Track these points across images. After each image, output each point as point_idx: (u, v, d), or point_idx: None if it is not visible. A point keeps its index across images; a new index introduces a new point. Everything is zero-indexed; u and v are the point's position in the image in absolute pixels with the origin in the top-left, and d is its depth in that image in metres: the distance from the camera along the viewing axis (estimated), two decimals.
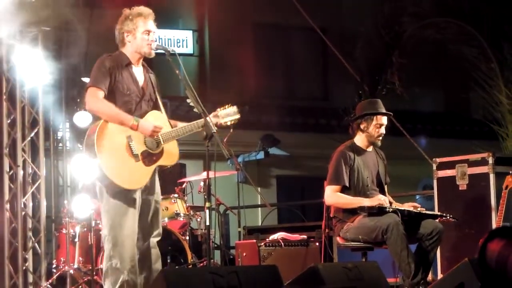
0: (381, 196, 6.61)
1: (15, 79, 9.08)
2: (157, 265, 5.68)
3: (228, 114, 5.84)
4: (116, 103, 5.57)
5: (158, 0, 12.36)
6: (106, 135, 5.46)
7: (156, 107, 5.77)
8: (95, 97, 5.52)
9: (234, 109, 5.88)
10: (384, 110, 6.80)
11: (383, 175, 6.89)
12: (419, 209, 6.58)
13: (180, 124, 5.75)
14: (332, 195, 6.68)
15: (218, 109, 5.85)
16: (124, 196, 5.51)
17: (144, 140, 5.55)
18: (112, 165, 5.43)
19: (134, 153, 5.49)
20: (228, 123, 5.86)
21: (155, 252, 5.70)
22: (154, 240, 5.69)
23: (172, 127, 5.72)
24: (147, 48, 5.65)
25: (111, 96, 5.57)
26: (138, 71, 5.74)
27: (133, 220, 5.52)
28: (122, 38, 5.68)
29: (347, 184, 6.67)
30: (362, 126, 6.78)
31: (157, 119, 5.65)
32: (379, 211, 6.44)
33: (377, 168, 6.85)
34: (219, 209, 8.72)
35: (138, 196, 5.55)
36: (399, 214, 6.36)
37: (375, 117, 6.74)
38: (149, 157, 5.54)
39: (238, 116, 5.88)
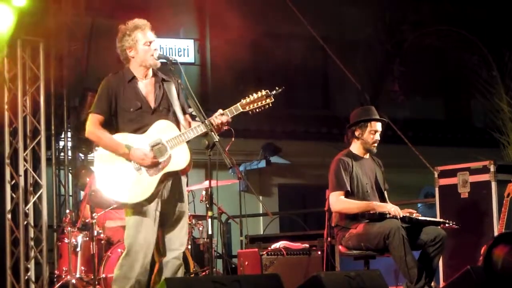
0: (391, 206, 6.61)
1: (17, 88, 9.10)
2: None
3: (254, 101, 5.62)
4: (120, 122, 5.60)
5: (159, 9, 12.39)
6: (107, 157, 5.56)
7: (169, 115, 5.68)
8: (93, 125, 5.61)
9: (262, 93, 5.64)
10: (377, 116, 6.84)
11: (382, 181, 6.91)
12: (414, 215, 6.59)
13: (194, 125, 5.67)
14: (338, 201, 6.67)
15: (242, 99, 5.62)
16: (137, 208, 5.52)
17: (149, 150, 5.53)
18: (110, 184, 5.52)
19: (135, 167, 5.51)
20: (257, 110, 5.63)
21: (176, 263, 5.63)
22: (175, 252, 5.63)
23: None
24: (151, 59, 5.62)
25: (115, 116, 5.61)
26: (146, 84, 5.68)
27: (146, 232, 5.51)
28: (125, 55, 5.66)
29: (350, 189, 6.68)
30: (357, 134, 6.82)
31: (161, 128, 5.59)
32: (380, 217, 6.45)
33: (375, 175, 6.88)
34: (221, 218, 8.71)
35: (153, 208, 5.53)
36: (400, 220, 6.39)
37: (369, 124, 6.79)
38: (154, 167, 5.51)
39: (269, 101, 5.61)
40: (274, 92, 5.66)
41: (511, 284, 4.80)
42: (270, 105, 5.66)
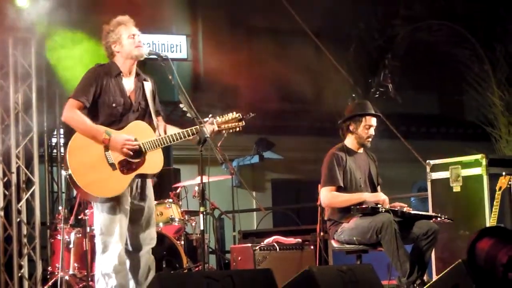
0: (381, 194, 6.63)
1: (9, 85, 9.09)
2: (151, 273, 5.67)
3: (227, 122, 5.70)
4: (100, 114, 5.54)
5: (152, 5, 12.37)
6: (81, 146, 5.45)
7: (146, 115, 5.69)
8: (71, 109, 5.49)
9: (234, 115, 5.74)
10: (372, 111, 6.85)
11: (375, 176, 6.93)
12: (405, 209, 6.61)
13: (170, 131, 5.67)
14: (329, 196, 6.68)
15: (217, 117, 5.70)
16: (110, 203, 5.48)
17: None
18: (83, 175, 5.40)
19: (109, 162, 5.45)
20: (229, 131, 5.71)
21: (149, 259, 5.67)
22: (147, 247, 5.67)
23: (165, 133, 5.67)
24: (136, 50, 5.62)
25: (95, 107, 5.53)
26: (128, 82, 5.67)
27: (120, 227, 5.49)
28: (111, 50, 5.65)
29: (342, 185, 6.69)
30: (351, 128, 6.83)
31: (138, 129, 5.58)
32: (372, 211, 6.46)
33: (368, 169, 6.89)
34: (214, 214, 8.73)
35: (124, 203, 5.52)
36: (392, 214, 6.41)
37: (363, 118, 6.80)
38: (128, 166, 5.48)
39: (240, 124, 5.72)
40: (246, 116, 5.73)
41: (494, 277, 4.80)
42: (241, 128, 5.73)
